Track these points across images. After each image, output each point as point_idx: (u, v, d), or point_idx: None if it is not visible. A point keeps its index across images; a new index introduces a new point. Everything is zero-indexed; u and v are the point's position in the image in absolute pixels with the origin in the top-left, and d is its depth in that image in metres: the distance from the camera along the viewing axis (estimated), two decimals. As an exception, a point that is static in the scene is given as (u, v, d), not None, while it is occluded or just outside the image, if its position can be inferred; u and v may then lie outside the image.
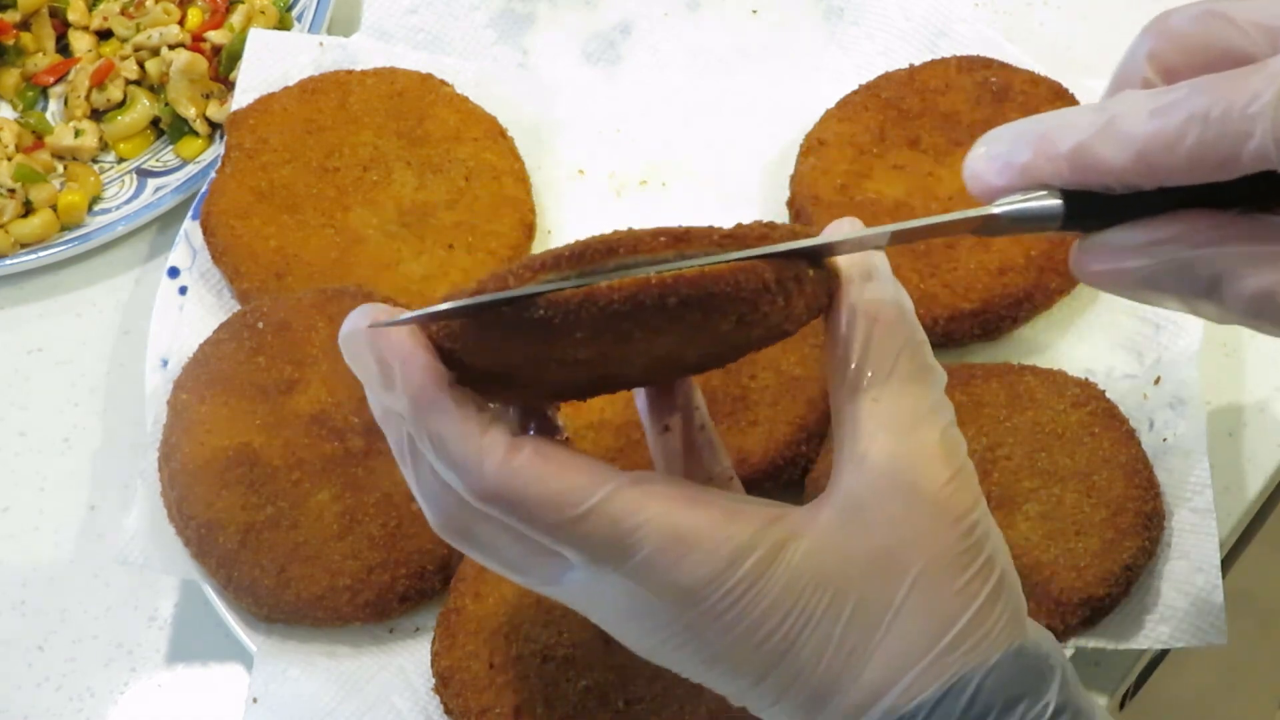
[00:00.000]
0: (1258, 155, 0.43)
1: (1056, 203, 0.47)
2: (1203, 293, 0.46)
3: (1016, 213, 0.47)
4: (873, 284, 0.49)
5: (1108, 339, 0.79)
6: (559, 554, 0.49)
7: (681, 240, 0.45)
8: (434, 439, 0.47)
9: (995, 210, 0.47)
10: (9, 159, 0.90)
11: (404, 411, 0.47)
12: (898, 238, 0.48)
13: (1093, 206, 0.46)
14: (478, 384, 0.48)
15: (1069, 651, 0.69)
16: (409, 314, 0.46)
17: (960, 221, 0.47)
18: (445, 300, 0.45)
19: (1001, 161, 0.47)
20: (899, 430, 0.48)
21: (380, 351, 0.47)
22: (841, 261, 0.49)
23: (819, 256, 0.48)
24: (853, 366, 0.49)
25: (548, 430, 0.54)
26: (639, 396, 0.55)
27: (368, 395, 0.49)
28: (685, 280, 0.44)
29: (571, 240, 0.46)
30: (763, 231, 0.46)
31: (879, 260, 0.50)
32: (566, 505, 0.47)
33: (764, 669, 0.48)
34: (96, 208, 0.90)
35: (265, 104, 0.85)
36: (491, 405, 0.48)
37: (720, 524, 0.47)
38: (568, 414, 0.73)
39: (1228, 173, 0.44)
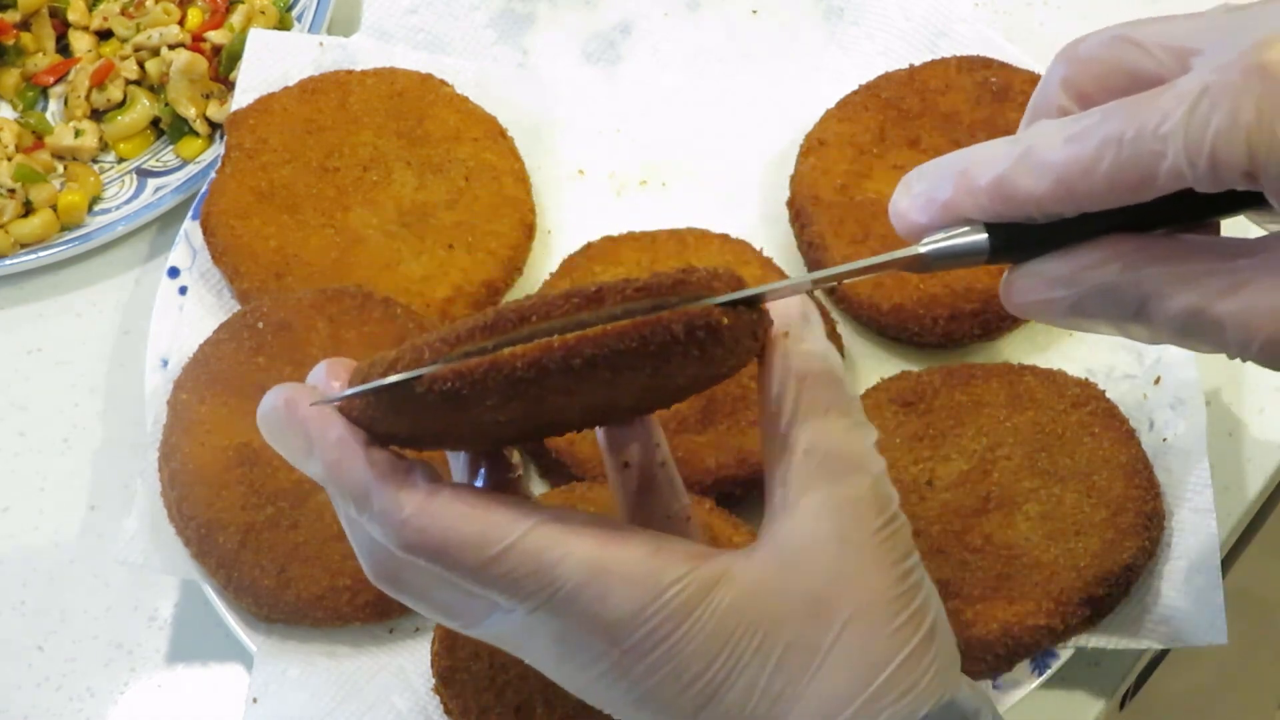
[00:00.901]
0: (1172, 174, 0.43)
1: (982, 237, 0.47)
2: (1131, 316, 0.47)
3: (942, 250, 0.47)
4: (804, 341, 0.49)
5: (1108, 339, 0.79)
6: (486, 596, 0.49)
7: (594, 300, 0.44)
8: (355, 498, 0.48)
9: (921, 249, 0.47)
10: (9, 159, 0.90)
11: (321, 477, 0.49)
12: (822, 283, 0.49)
13: (1019, 238, 0.47)
14: (408, 442, 0.49)
15: (1068, 652, 0.69)
16: (321, 399, 0.48)
17: (889, 262, 0.48)
18: (351, 382, 0.47)
19: (924, 199, 0.48)
20: (831, 482, 0.48)
21: (296, 425, 0.48)
22: (774, 313, 0.49)
23: (750, 301, 0.47)
24: (784, 423, 0.49)
25: (500, 468, 0.54)
26: (600, 433, 0.55)
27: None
28: (588, 341, 0.44)
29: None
30: (678, 278, 0.45)
31: (810, 312, 0.50)
32: (486, 544, 0.47)
33: (692, 711, 0.48)
34: (96, 208, 0.90)
35: (265, 104, 0.85)
36: (417, 456, 0.49)
37: (645, 559, 0.48)
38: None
39: (1145, 193, 0.44)
